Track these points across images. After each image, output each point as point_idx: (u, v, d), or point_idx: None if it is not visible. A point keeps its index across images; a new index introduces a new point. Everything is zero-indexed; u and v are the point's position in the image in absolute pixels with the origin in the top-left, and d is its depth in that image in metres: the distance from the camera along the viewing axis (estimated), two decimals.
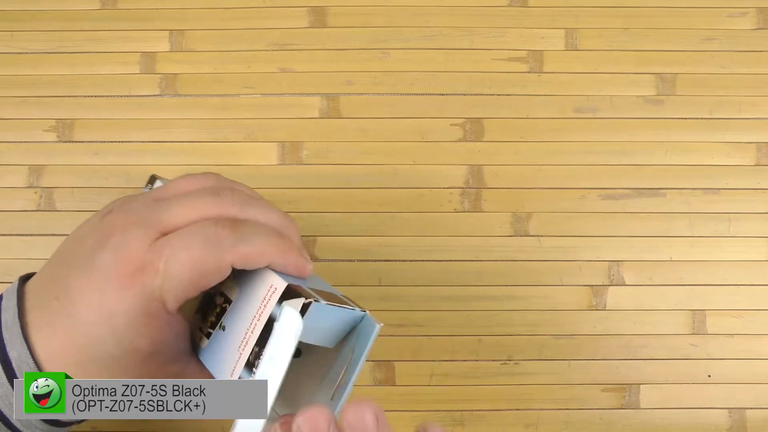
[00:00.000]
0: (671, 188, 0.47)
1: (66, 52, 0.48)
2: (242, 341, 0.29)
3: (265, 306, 0.28)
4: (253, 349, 0.28)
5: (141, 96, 0.48)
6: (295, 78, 0.48)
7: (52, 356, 0.29)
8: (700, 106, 0.48)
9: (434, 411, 0.45)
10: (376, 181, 0.47)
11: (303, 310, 0.27)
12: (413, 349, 0.45)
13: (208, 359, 0.31)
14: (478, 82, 0.48)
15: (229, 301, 0.31)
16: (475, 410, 0.45)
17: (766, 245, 0.46)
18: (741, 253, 0.46)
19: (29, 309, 0.30)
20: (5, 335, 0.29)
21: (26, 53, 0.48)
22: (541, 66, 0.48)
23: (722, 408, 0.45)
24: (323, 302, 0.27)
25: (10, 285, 0.33)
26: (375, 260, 0.45)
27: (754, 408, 0.45)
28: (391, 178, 0.47)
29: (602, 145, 0.47)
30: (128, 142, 0.47)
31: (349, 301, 0.30)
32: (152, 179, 0.39)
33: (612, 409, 0.45)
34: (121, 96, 0.48)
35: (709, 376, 0.45)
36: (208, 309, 0.32)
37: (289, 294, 0.28)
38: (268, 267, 0.30)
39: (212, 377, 0.30)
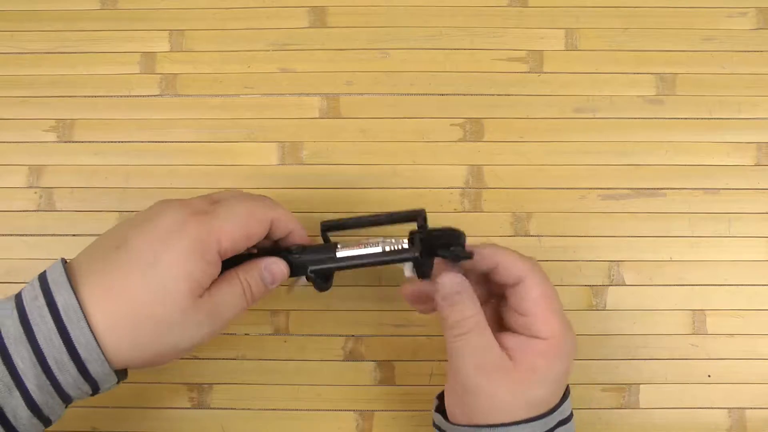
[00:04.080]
0: (671, 188, 0.47)
1: (66, 53, 0.48)
2: None
3: None
4: None
5: (141, 96, 0.48)
6: (295, 78, 0.48)
7: (105, 296, 0.33)
8: (700, 106, 0.48)
9: None
10: (376, 181, 0.47)
11: None
12: (413, 349, 0.45)
13: None
14: (478, 82, 0.48)
15: None
16: None
17: (766, 245, 0.46)
18: (741, 253, 0.46)
19: (87, 262, 0.34)
20: (52, 287, 0.33)
21: (26, 53, 0.48)
22: (541, 66, 0.48)
23: (722, 408, 0.45)
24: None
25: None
26: None
27: (754, 408, 0.45)
28: (391, 178, 0.47)
29: (602, 145, 0.47)
30: (128, 142, 0.47)
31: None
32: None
33: (611, 408, 0.45)
34: (121, 96, 0.48)
35: (709, 376, 0.45)
36: None
37: None
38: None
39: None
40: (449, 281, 0.37)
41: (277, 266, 0.37)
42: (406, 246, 0.37)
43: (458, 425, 0.36)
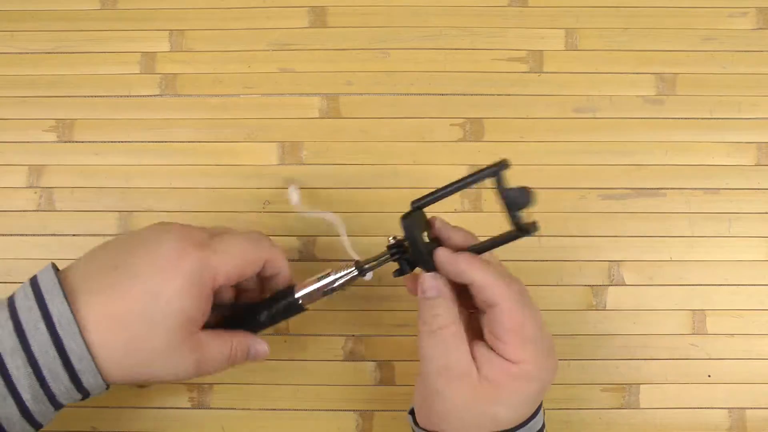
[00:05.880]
0: (671, 188, 0.47)
1: (66, 52, 0.48)
2: None
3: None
4: None
5: (141, 96, 0.48)
6: (295, 78, 0.48)
7: (102, 316, 0.33)
8: (700, 106, 0.48)
9: None
10: (376, 181, 0.47)
11: None
12: (413, 349, 0.45)
13: None
14: (478, 82, 0.48)
15: None
16: None
17: (766, 245, 0.46)
18: (741, 253, 0.46)
19: (83, 277, 0.34)
20: (46, 297, 0.33)
21: (26, 53, 0.48)
22: (541, 66, 0.48)
23: (722, 408, 0.45)
24: None
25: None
26: None
27: (754, 408, 0.45)
28: (391, 178, 0.47)
29: (602, 145, 0.47)
30: (128, 142, 0.47)
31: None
32: None
33: (612, 409, 0.45)
34: (121, 96, 0.48)
35: (709, 376, 0.45)
36: None
37: None
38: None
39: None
40: (429, 281, 0.37)
41: (262, 348, 0.40)
42: (352, 270, 0.40)
43: (422, 429, 0.36)
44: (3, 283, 0.46)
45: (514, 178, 0.47)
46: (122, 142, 0.47)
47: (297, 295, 0.40)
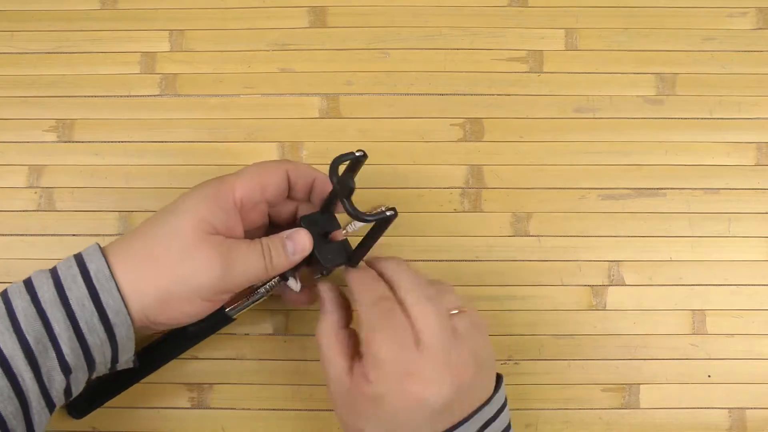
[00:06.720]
0: (671, 188, 0.47)
1: (66, 52, 0.48)
2: None
3: None
4: None
5: (141, 96, 0.48)
6: (295, 78, 0.48)
7: (127, 257, 0.35)
8: (700, 106, 0.48)
9: None
10: (376, 181, 0.47)
11: None
12: None
13: None
14: (478, 82, 0.48)
15: None
16: None
17: (766, 245, 0.46)
18: (741, 253, 0.46)
19: (113, 243, 0.36)
20: (86, 258, 0.35)
21: (26, 53, 0.48)
22: (541, 66, 0.48)
23: (722, 408, 0.45)
24: None
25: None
26: None
27: (754, 408, 0.45)
28: (391, 178, 0.47)
29: (602, 145, 0.47)
30: (128, 142, 0.47)
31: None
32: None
33: (612, 408, 0.45)
34: (121, 96, 0.48)
35: (709, 376, 0.45)
36: None
37: None
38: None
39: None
40: (319, 289, 0.38)
41: (300, 236, 0.37)
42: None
43: None
44: (3, 283, 0.46)
45: (514, 178, 0.47)
46: (122, 142, 0.47)
47: (227, 309, 0.40)
